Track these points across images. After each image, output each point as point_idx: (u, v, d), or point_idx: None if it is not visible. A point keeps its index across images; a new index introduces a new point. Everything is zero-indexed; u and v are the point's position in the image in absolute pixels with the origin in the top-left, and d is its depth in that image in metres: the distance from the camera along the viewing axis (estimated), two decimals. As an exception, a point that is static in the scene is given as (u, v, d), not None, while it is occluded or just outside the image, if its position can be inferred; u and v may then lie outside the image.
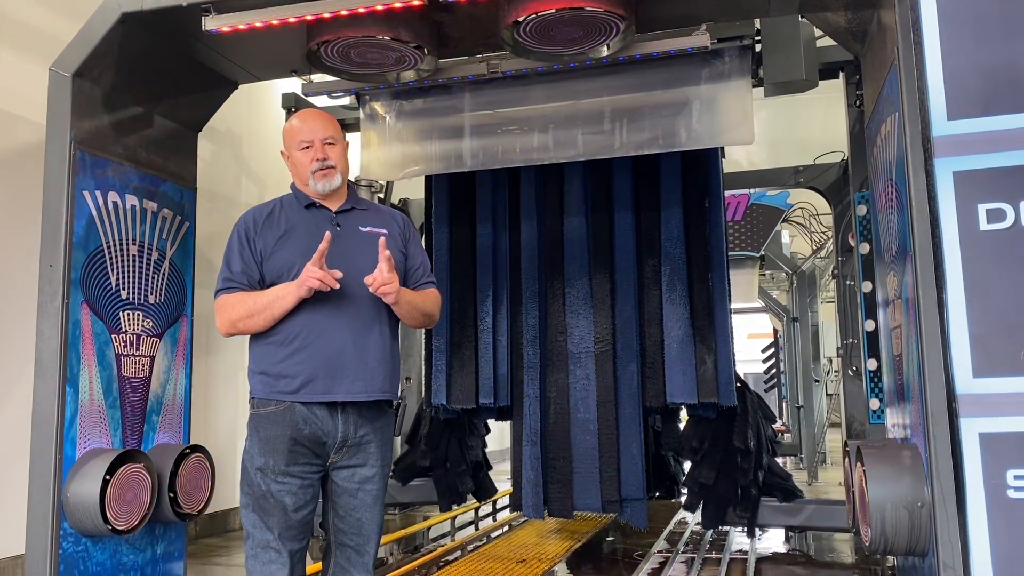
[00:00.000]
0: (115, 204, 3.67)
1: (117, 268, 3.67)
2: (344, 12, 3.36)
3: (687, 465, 5.47)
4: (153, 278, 3.86)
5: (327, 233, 2.55)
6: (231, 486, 5.80)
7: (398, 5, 3.31)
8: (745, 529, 5.06)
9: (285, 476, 2.58)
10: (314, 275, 2.51)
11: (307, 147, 2.73)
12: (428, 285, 2.86)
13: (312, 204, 2.76)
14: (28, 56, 4.80)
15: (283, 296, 2.57)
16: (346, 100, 5.08)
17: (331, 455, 2.65)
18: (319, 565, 4.48)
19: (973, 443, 2.49)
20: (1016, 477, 2.44)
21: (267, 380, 2.63)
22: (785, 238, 10.09)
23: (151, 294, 3.85)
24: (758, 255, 9.29)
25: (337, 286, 2.54)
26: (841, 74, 4.67)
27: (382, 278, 2.56)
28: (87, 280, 3.51)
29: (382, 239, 2.57)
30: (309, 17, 3.41)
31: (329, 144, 2.75)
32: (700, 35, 3.77)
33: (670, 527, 6.22)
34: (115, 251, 3.66)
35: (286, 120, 5.05)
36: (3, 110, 4.75)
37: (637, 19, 3.51)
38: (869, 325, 4.15)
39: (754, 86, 4.15)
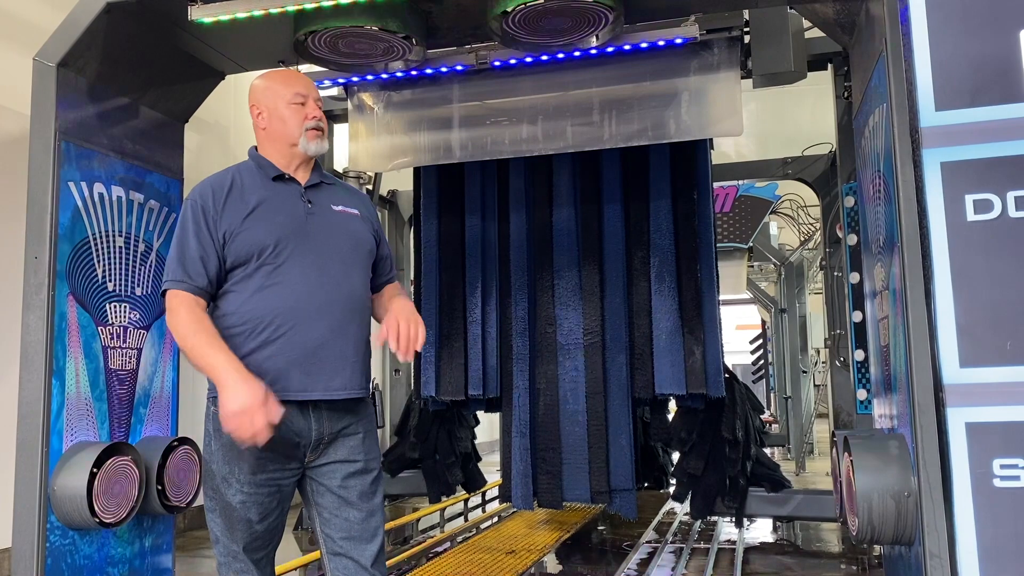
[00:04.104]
0: (101, 195, 3.64)
1: (103, 260, 3.64)
2: (331, 2, 3.34)
3: (676, 456, 5.49)
4: (140, 270, 3.84)
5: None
6: (220, 479, 5.77)
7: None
8: (733, 519, 5.09)
9: (251, 486, 2.29)
10: (257, 420, 2.10)
11: (301, 103, 2.44)
12: (394, 278, 2.66)
13: (281, 176, 2.43)
14: (12, 46, 4.75)
15: (213, 366, 2.18)
16: (334, 91, 5.05)
17: (307, 455, 2.36)
18: (309, 558, 4.50)
19: (959, 433, 2.51)
20: (1002, 466, 2.46)
21: None
22: (773, 230, 10.13)
23: (138, 286, 3.82)
24: (746, 247, 9.33)
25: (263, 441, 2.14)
26: (829, 65, 4.69)
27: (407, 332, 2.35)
28: (73, 272, 3.48)
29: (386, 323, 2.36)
30: (296, 7, 3.38)
31: (319, 106, 2.49)
32: (689, 26, 3.78)
33: (659, 517, 6.24)
34: (101, 243, 3.63)
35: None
36: (-13, 100, 4.70)
37: (626, 10, 3.51)
38: (856, 316, 4.18)
39: (743, 77, 4.16)
